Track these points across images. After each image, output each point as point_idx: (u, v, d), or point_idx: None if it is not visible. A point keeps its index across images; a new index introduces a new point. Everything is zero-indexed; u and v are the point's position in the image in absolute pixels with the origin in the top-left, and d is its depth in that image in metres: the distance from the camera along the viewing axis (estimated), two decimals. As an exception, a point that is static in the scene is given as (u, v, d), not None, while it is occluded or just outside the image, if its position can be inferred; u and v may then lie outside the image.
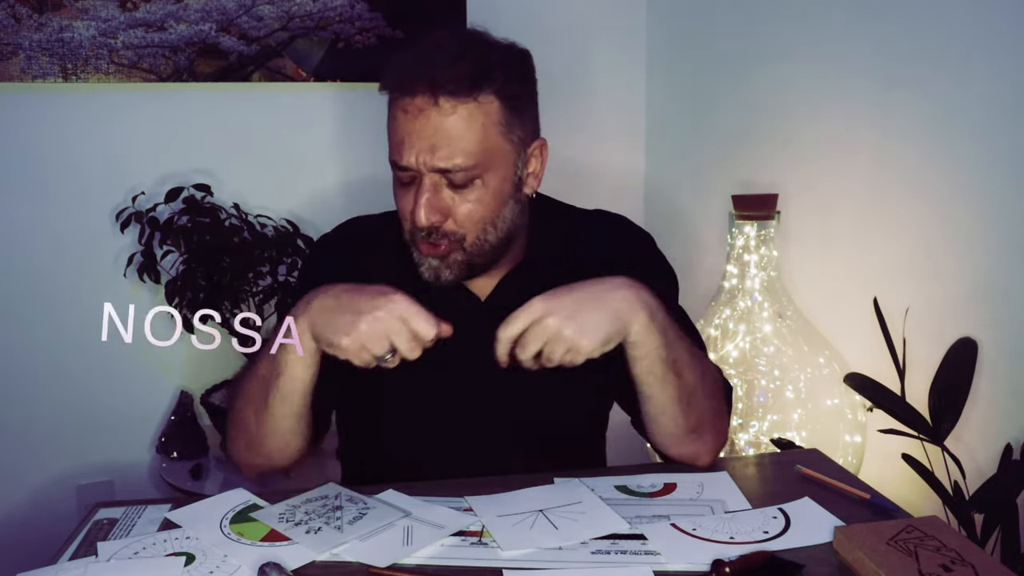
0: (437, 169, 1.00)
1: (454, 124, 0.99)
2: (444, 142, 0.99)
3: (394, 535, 0.88)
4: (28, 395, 1.92)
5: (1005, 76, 1.26)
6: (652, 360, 0.99)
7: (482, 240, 1.06)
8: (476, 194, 1.03)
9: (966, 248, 1.34)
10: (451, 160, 0.99)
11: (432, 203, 1.01)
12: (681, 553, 0.85)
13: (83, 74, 1.85)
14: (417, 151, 0.99)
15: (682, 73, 2.13)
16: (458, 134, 0.99)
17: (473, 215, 1.03)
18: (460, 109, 0.99)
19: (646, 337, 0.98)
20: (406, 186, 1.04)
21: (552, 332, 0.93)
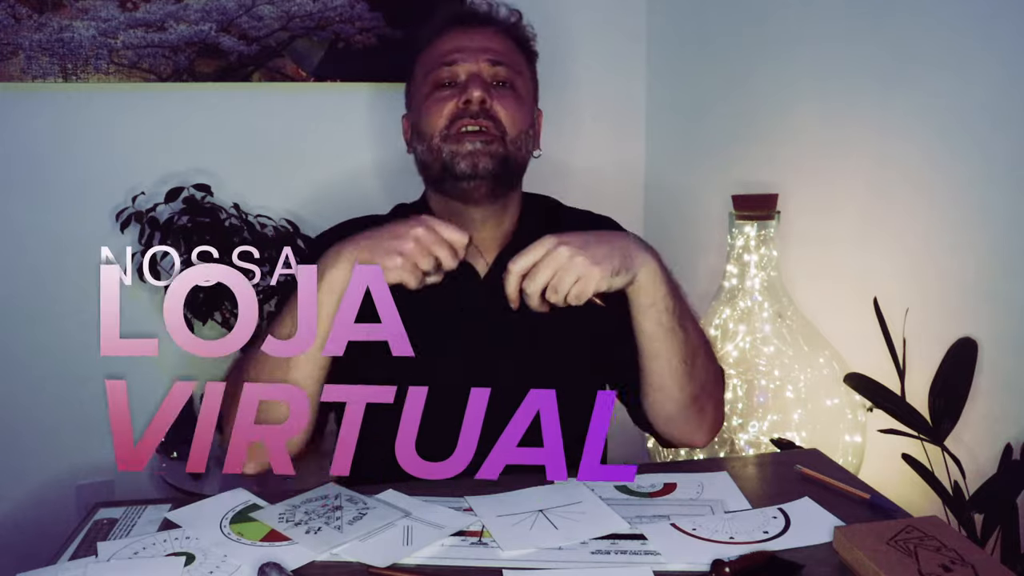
0: (489, 59, 1.15)
1: (501, 39, 1.19)
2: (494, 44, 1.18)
3: (394, 535, 0.88)
4: (28, 395, 1.92)
5: (1005, 75, 1.26)
6: (660, 310, 1.03)
7: (518, 145, 1.16)
8: (513, 96, 1.16)
9: (966, 248, 1.34)
10: (501, 56, 1.17)
11: (483, 83, 1.14)
12: (681, 553, 0.85)
13: (83, 74, 1.85)
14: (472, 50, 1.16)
15: (682, 73, 2.13)
16: (504, 45, 1.19)
17: (513, 112, 1.15)
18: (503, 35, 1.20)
19: (654, 282, 1.02)
20: (447, 93, 1.15)
21: (563, 259, 0.97)
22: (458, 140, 1.13)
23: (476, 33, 1.19)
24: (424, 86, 1.18)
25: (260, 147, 2.00)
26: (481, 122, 1.13)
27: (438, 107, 1.15)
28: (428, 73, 1.18)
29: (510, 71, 1.18)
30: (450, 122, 1.14)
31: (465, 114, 1.13)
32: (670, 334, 1.05)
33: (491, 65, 1.16)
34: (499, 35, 1.20)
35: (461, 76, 1.15)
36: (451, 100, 1.14)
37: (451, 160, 1.13)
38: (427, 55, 1.20)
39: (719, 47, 1.96)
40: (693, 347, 1.08)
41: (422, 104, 1.18)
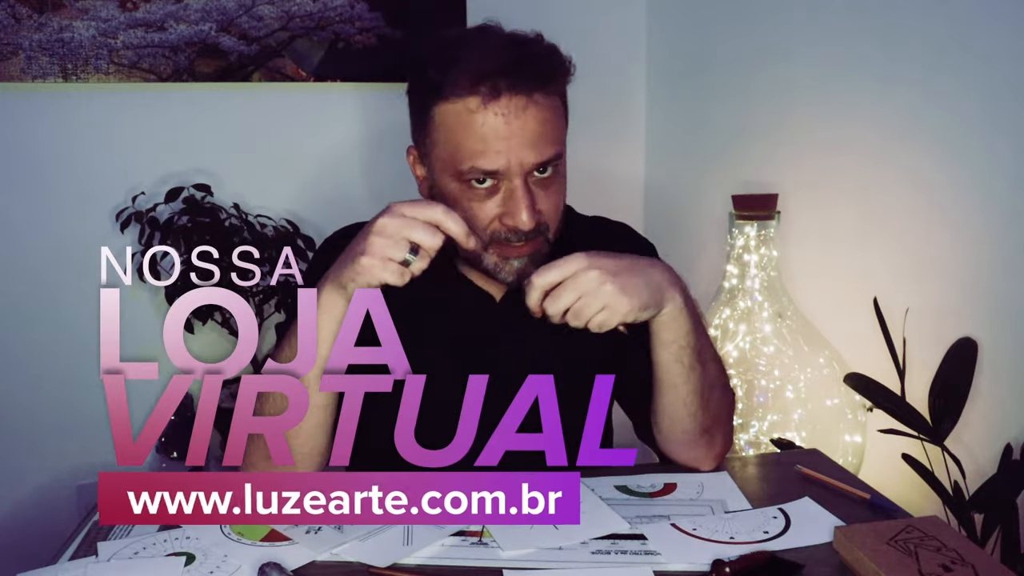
0: (536, 164, 0.99)
1: (548, 117, 0.99)
2: (542, 136, 0.98)
3: (394, 535, 0.88)
4: (28, 395, 1.92)
5: (1006, 75, 1.26)
6: (681, 346, 1.00)
7: (558, 230, 1.06)
8: (557, 184, 1.03)
9: (966, 248, 1.34)
10: (550, 151, 0.99)
11: (531, 205, 0.99)
12: (681, 553, 0.85)
13: (83, 74, 1.85)
14: (515, 151, 0.97)
15: (682, 73, 2.13)
16: (551, 125, 1.00)
17: (557, 206, 1.04)
18: (546, 105, 0.99)
19: (678, 319, 0.99)
20: (485, 193, 1.00)
21: (592, 285, 0.92)
22: (503, 255, 1.02)
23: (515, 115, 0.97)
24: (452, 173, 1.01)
25: (260, 147, 2.00)
26: (528, 241, 1.01)
27: (478, 209, 1.01)
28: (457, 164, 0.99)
29: (555, 164, 1.01)
30: (492, 234, 1.01)
31: (511, 235, 1.01)
32: (689, 371, 1.01)
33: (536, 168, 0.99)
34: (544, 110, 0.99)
35: (502, 183, 1.00)
36: (492, 204, 1.00)
37: (495, 270, 1.04)
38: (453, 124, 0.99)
39: (719, 47, 1.96)
40: (710, 382, 1.04)
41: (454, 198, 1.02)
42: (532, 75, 0.98)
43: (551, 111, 1.00)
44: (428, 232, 0.91)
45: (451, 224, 0.92)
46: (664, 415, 1.06)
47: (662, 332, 1.00)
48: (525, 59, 0.98)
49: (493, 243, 1.02)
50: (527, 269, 1.01)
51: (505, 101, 0.97)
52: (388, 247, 0.91)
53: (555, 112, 1.01)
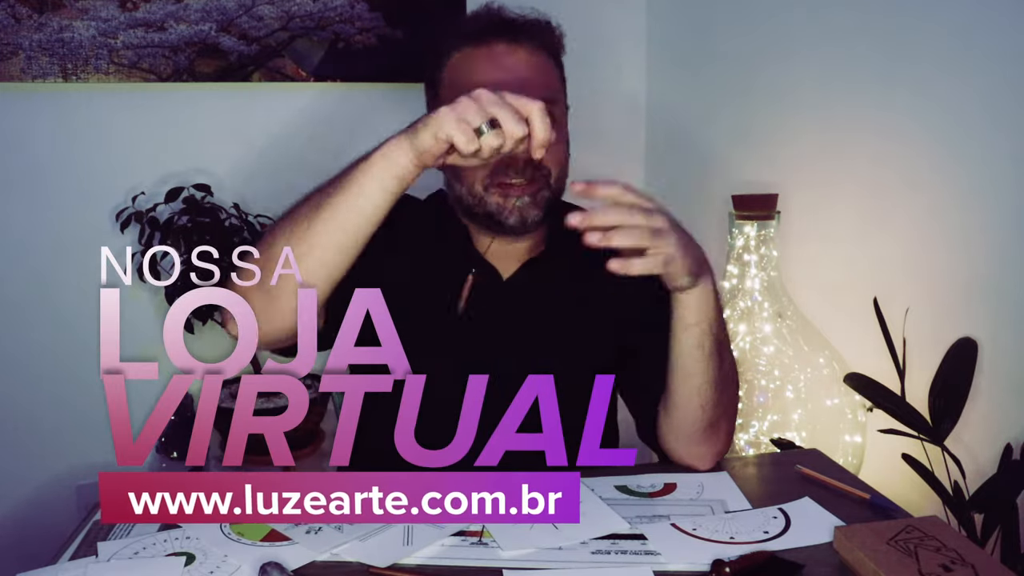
0: None
1: (534, 63, 1.11)
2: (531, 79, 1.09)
3: (394, 535, 0.88)
4: (28, 395, 1.92)
5: (1006, 75, 1.26)
6: (703, 331, 1.01)
7: (560, 179, 1.13)
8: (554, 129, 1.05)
9: (966, 248, 1.34)
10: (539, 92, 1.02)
11: None
12: (681, 553, 0.85)
13: (83, 74, 1.85)
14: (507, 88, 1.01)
15: (682, 73, 2.13)
16: (541, 72, 1.11)
17: (556, 150, 1.09)
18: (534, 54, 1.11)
19: (708, 300, 1.01)
20: None
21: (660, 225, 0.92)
22: (504, 194, 1.08)
23: (509, 57, 1.10)
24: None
25: (260, 147, 2.00)
26: (527, 175, 1.08)
27: None
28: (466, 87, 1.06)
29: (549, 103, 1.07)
30: (492, 171, 1.08)
31: (509, 169, 1.07)
32: (708, 359, 1.02)
33: None
34: (532, 54, 1.12)
35: None
36: None
37: (498, 213, 1.09)
38: (454, 78, 1.12)
39: (719, 47, 1.96)
40: (725, 376, 1.06)
41: None
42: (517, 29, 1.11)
43: (540, 62, 1.11)
44: (514, 117, 0.90)
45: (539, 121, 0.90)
46: (675, 406, 1.07)
47: (688, 313, 1.01)
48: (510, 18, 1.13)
49: (495, 185, 1.08)
50: (529, 211, 1.08)
51: (494, 44, 1.10)
52: (471, 109, 0.90)
53: (544, 66, 1.12)
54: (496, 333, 1.11)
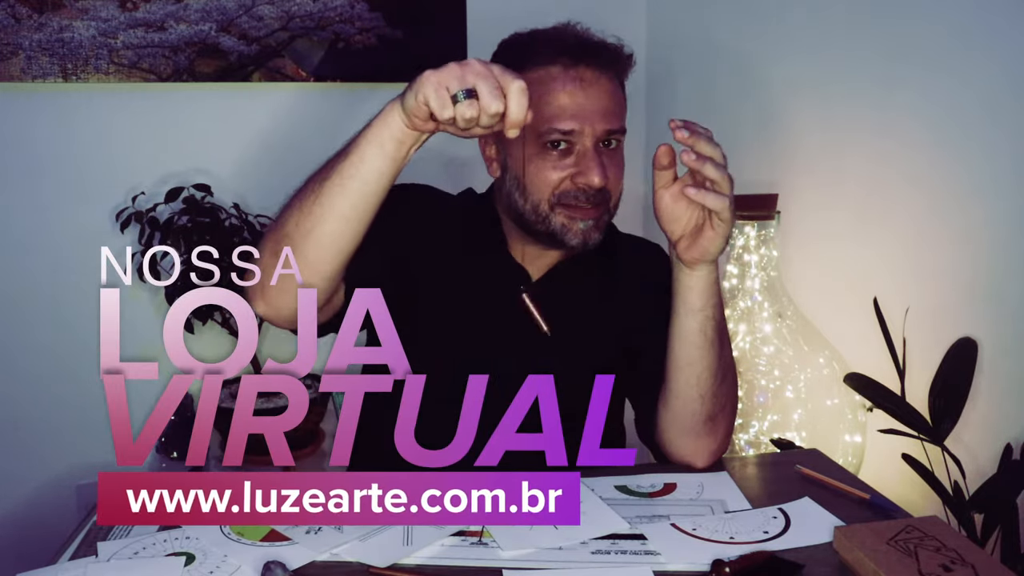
0: (607, 131, 1.09)
1: (613, 93, 1.12)
2: (611, 106, 1.10)
3: (394, 535, 0.88)
4: (28, 395, 1.92)
5: (1006, 76, 1.26)
6: (707, 316, 1.04)
7: (618, 202, 1.15)
8: (619, 160, 1.13)
9: (966, 248, 1.34)
10: (616, 122, 1.11)
11: (601, 165, 1.08)
12: (681, 553, 0.85)
13: (83, 74, 1.85)
14: (589, 115, 1.08)
15: (681, 73, 2.13)
16: (618, 101, 1.12)
17: (619, 177, 1.13)
18: (614, 83, 1.12)
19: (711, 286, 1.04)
20: (558, 157, 1.09)
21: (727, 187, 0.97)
22: (570, 217, 1.09)
23: (593, 87, 1.10)
24: (529, 137, 1.09)
25: (260, 147, 2.00)
26: (595, 203, 1.10)
27: (550, 173, 1.09)
28: (537, 126, 1.08)
29: (621, 134, 1.13)
30: (562, 193, 1.09)
31: (580, 195, 1.09)
32: (709, 346, 1.04)
33: (606, 134, 1.10)
34: (613, 84, 1.12)
35: (576, 145, 1.09)
36: (564, 168, 1.09)
37: (561, 233, 1.10)
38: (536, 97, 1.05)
39: (719, 47, 1.96)
40: (725, 366, 1.07)
41: (529, 160, 1.11)
42: (604, 54, 1.12)
43: (617, 91, 1.13)
44: (494, 91, 0.89)
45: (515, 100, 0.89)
46: (675, 395, 1.08)
47: (694, 296, 1.04)
48: (598, 42, 1.14)
49: (561, 205, 1.10)
50: (592, 234, 1.10)
51: (583, 70, 1.10)
52: (453, 75, 0.90)
53: (620, 95, 1.14)
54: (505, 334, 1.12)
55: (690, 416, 1.07)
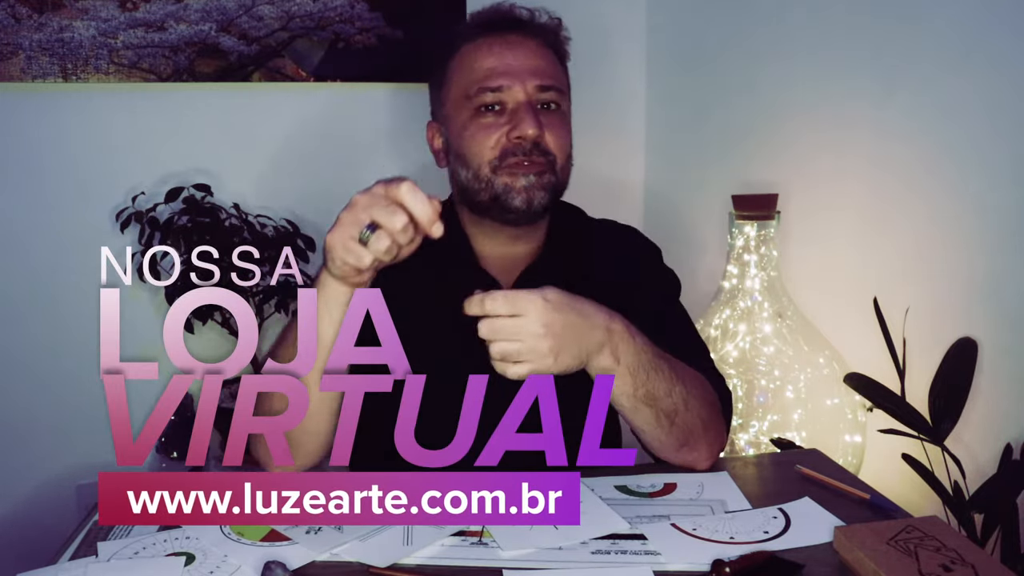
0: (538, 85, 1.10)
1: (543, 54, 1.14)
2: (540, 64, 1.12)
3: (394, 535, 0.88)
4: (28, 395, 1.92)
5: (1006, 76, 1.26)
6: (617, 396, 1.00)
7: (566, 169, 1.15)
8: (559, 118, 1.14)
9: (966, 248, 1.34)
10: (548, 78, 1.12)
11: (535, 116, 1.09)
12: (681, 553, 0.85)
13: (83, 74, 1.85)
14: (517, 72, 1.10)
15: (682, 73, 2.13)
16: (549, 62, 1.14)
17: (560, 137, 1.13)
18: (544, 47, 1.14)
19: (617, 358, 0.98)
20: (492, 120, 1.11)
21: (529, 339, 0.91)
22: (511, 174, 1.09)
23: (519, 47, 1.12)
24: (464, 106, 1.12)
25: (260, 147, 2.00)
26: (534, 158, 1.09)
27: (485, 135, 1.10)
28: (468, 92, 1.12)
29: (557, 92, 1.13)
30: (501, 153, 1.10)
31: (518, 150, 1.09)
32: (634, 411, 1.01)
33: (539, 90, 1.11)
34: (542, 48, 1.14)
35: (508, 103, 1.11)
36: (499, 129, 1.10)
37: (504, 194, 1.10)
38: (464, 65, 1.14)
39: (719, 47, 1.96)
40: (668, 412, 1.02)
41: (464, 127, 1.12)
42: (530, 24, 1.15)
43: (550, 57, 1.15)
44: (388, 210, 0.87)
45: (415, 203, 0.87)
46: (642, 432, 1.06)
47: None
48: (524, 14, 1.16)
49: (503, 168, 1.10)
50: (535, 192, 1.10)
51: (507, 34, 1.13)
52: (349, 224, 0.90)
53: (553, 61, 1.15)
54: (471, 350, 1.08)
55: (664, 445, 1.06)
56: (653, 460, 1.13)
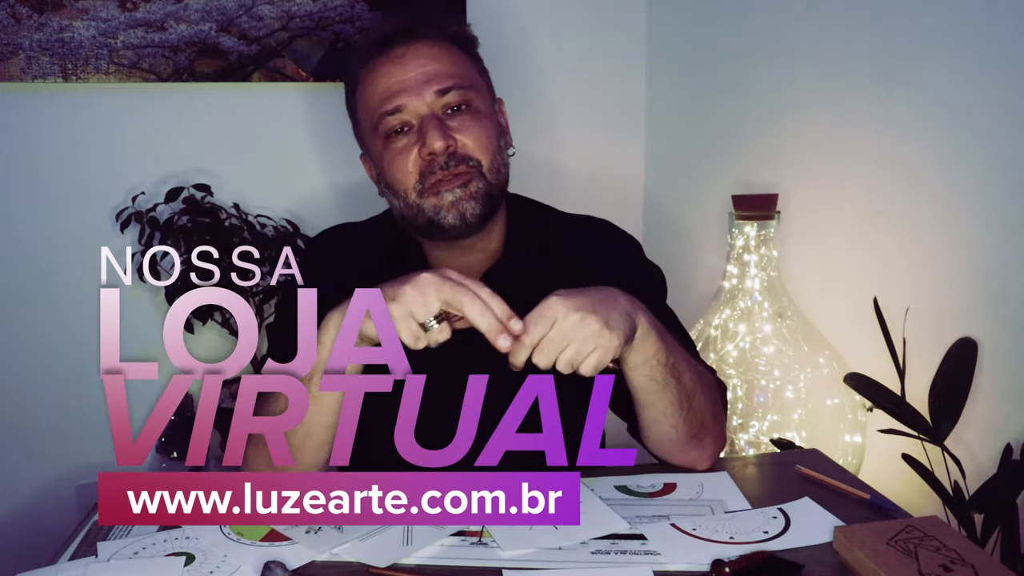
0: (436, 91, 1.06)
1: (436, 55, 1.09)
2: (433, 68, 1.07)
3: (394, 535, 0.88)
4: (28, 395, 1.92)
5: (1006, 74, 1.26)
6: (652, 366, 0.99)
7: (495, 168, 1.09)
8: (472, 117, 1.08)
9: (966, 248, 1.34)
10: (446, 80, 1.07)
11: (440, 127, 1.05)
12: (681, 553, 0.85)
13: (83, 74, 1.85)
14: (412, 86, 1.06)
15: (682, 73, 2.13)
16: (442, 60, 1.09)
17: (479, 137, 1.08)
18: (435, 45, 1.09)
19: (647, 340, 0.98)
20: (404, 142, 1.08)
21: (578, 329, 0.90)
22: (436, 192, 1.07)
23: (408, 56, 1.08)
24: (375, 137, 1.11)
25: (260, 147, 2.00)
26: (453, 170, 1.06)
27: (401, 161, 1.08)
28: (374, 122, 1.10)
29: (461, 90, 1.08)
30: (421, 175, 1.07)
31: (434, 166, 1.06)
32: (663, 387, 1.01)
33: (439, 96, 1.07)
34: (434, 48, 1.10)
35: (412, 121, 1.08)
36: (411, 150, 1.07)
37: (435, 215, 1.07)
38: (364, 94, 1.11)
39: (719, 47, 1.96)
40: (688, 391, 1.03)
41: (381, 158, 1.11)
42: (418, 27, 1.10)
43: (445, 55, 1.09)
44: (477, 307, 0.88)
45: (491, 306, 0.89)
46: (648, 429, 1.07)
47: (632, 356, 0.98)
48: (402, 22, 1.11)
49: (425, 188, 1.07)
50: (465, 204, 1.06)
51: (394, 48, 1.08)
52: (416, 304, 0.89)
53: (448, 52, 1.10)
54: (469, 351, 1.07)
55: (669, 441, 1.06)
56: (655, 460, 1.13)
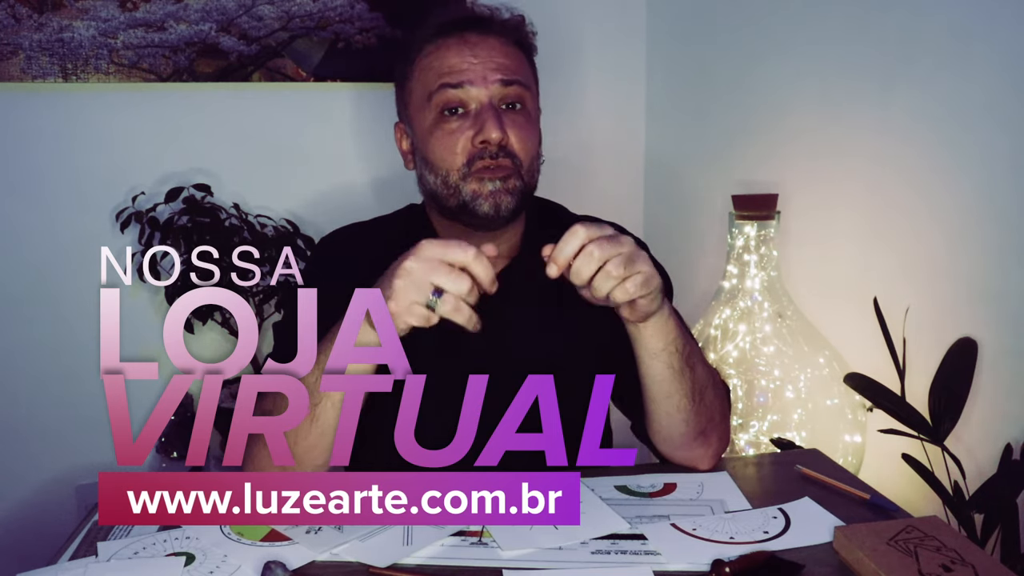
0: (500, 80, 1.08)
1: (506, 51, 1.11)
2: (502, 61, 1.10)
3: (394, 535, 0.88)
4: (28, 395, 1.92)
5: (1006, 74, 1.26)
6: (671, 353, 1.01)
7: (532, 171, 1.12)
8: (525, 117, 1.11)
9: (966, 248, 1.34)
10: (512, 74, 1.09)
11: (497, 118, 1.07)
12: (681, 553, 0.85)
13: (83, 74, 1.85)
14: (479, 70, 1.08)
15: (682, 72, 2.13)
16: (514, 60, 1.12)
17: (526, 138, 1.10)
18: (507, 43, 1.12)
19: (668, 323, 1.00)
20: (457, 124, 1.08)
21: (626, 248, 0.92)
22: (478, 180, 1.08)
23: (481, 45, 1.10)
24: (427, 108, 1.11)
25: (260, 147, 2.00)
26: (500, 161, 1.08)
27: (450, 141, 1.09)
28: (431, 91, 1.10)
29: (520, 88, 1.11)
30: (468, 159, 1.08)
31: (484, 153, 1.07)
32: (679, 376, 1.02)
33: (502, 86, 1.09)
34: (504, 44, 1.12)
35: (471, 104, 1.09)
36: (464, 133, 1.08)
37: (472, 201, 1.08)
38: (426, 65, 1.12)
39: (719, 47, 1.96)
40: (701, 385, 1.05)
41: (429, 132, 1.11)
42: (489, 21, 1.13)
43: (513, 53, 1.12)
44: (451, 276, 0.90)
45: (479, 269, 0.90)
46: (659, 423, 1.07)
47: (651, 341, 1.00)
48: (485, 12, 1.14)
49: (471, 173, 1.08)
50: (502, 196, 1.08)
51: (468, 34, 1.10)
52: (411, 291, 0.90)
53: (517, 57, 1.13)
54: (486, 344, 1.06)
55: (679, 436, 1.07)
56: (657, 459, 1.13)
